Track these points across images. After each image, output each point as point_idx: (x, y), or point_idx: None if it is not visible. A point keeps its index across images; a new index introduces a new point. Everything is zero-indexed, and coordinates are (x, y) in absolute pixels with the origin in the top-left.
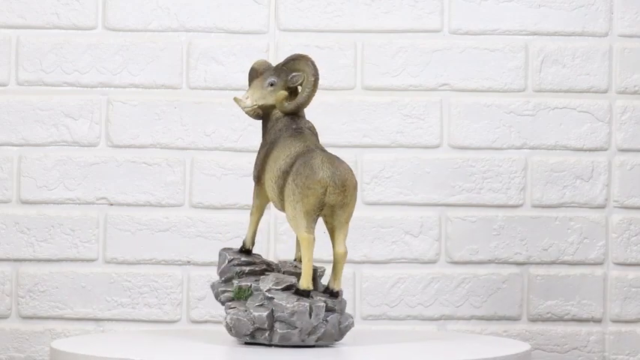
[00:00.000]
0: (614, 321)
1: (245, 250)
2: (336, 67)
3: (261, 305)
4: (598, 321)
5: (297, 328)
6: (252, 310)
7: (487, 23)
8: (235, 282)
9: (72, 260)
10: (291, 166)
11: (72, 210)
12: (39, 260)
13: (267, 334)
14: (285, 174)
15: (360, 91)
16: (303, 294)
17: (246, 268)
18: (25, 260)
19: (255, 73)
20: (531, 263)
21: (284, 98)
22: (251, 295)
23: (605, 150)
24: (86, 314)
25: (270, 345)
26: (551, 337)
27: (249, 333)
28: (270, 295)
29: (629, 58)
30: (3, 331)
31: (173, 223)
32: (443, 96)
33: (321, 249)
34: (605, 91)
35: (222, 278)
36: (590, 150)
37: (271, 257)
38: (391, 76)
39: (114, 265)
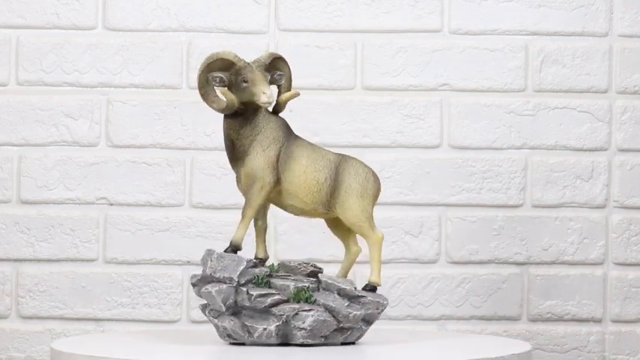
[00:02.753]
0: (614, 321)
1: (234, 250)
2: (336, 67)
3: (349, 305)
4: (598, 321)
5: (371, 324)
6: (350, 310)
7: (487, 23)
8: (290, 284)
9: (72, 260)
10: (338, 168)
11: (72, 210)
12: (39, 260)
13: (348, 333)
14: (337, 176)
15: (360, 91)
16: (375, 290)
17: (266, 269)
18: (25, 260)
19: (221, 64)
20: (531, 263)
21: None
22: (311, 296)
23: (605, 150)
24: (86, 314)
25: (344, 344)
26: (551, 337)
27: (327, 334)
28: (360, 294)
29: (629, 58)
30: (3, 331)
31: (173, 223)
32: (443, 96)
33: (321, 249)
34: (605, 91)
35: (242, 281)
36: (590, 150)
37: (272, 258)
38: (391, 76)
39: (114, 265)
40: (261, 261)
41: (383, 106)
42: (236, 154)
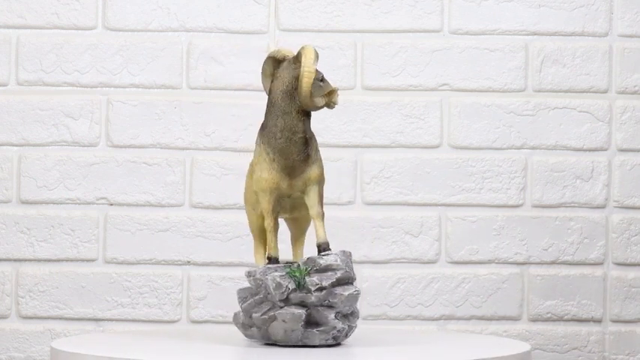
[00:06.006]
0: (614, 321)
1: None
2: (336, 67)
3: None
4: (598, 321)
5: None
6: None
7: (487, 23)
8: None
9: (72, 260)
10: None
11: (72, 210)
12: (39, 260)
13: None
14: None
15: (360, 91)
16: None
17: None
18: (25, 260)
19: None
20: (531, 263)
21: None
22: None
23: (605, 150)
24: (86, 314)
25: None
26: (551, 337)
27: None
28: None
29: (629, 58)
30: (3, 331)
31: (173, 223)
32: (443, 96)
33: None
34: (605, 91)
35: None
36: (590, 150)
37: None
38: (391, 76)
39: (114, 265)
40: (276, 260)
41: (383, 106)
42: (309, 153)
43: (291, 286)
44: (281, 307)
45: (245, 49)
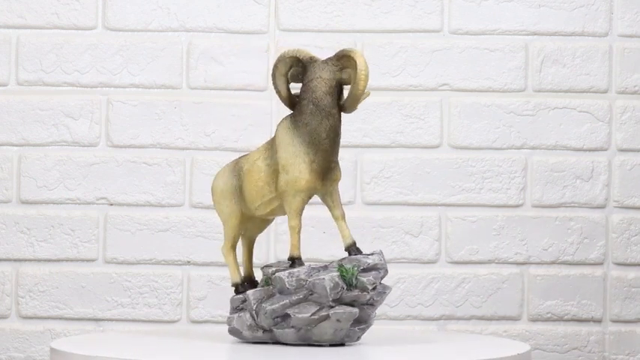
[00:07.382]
0: (614, 321)
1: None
2: None
3: None
4: (598, 321)
5: None
6: None
7: (487, 23)
8: None
9: (72, 260)
10: None
11: (72, 210)
12: (39, 260)
13: None
14: None
15: None
16: None
17: None
18: (25, 260)
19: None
20: (531, 263)
21: None
22: None
23: (605, 150)
24: (86, 314)
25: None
26: (551, 337)
27: None
28: None
29: (629, 58)
30: (3, 331)
31: (173, 223)
32: (443, 96)
33: (321, 249)
34: (605, 91)
35: None
36: (590, 150)
37: (272, 258)
38: (391, 76)
39: (114, 265)
40: (300, 261)
41: (383, 106)
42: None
43: (344, 285)
44: (331, 307)
45: (245, 49)
